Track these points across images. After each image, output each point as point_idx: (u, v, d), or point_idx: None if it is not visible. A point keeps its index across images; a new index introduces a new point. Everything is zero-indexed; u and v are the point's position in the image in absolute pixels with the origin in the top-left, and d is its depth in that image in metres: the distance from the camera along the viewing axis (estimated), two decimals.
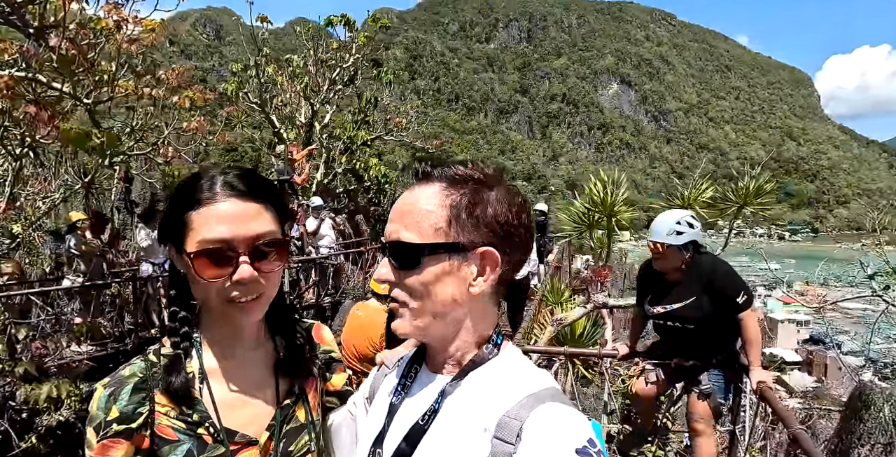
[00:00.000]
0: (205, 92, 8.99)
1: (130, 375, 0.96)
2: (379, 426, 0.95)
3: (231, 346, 1.02)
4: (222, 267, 0.90)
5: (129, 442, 0.92)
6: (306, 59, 11.74)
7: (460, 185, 0.87)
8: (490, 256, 0.87)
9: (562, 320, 4.25)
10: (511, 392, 0.84)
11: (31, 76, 6.59)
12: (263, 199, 0.94)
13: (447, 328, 0.90)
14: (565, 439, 0.76)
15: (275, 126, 12.56)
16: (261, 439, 0.99)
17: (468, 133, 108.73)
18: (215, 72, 41.68)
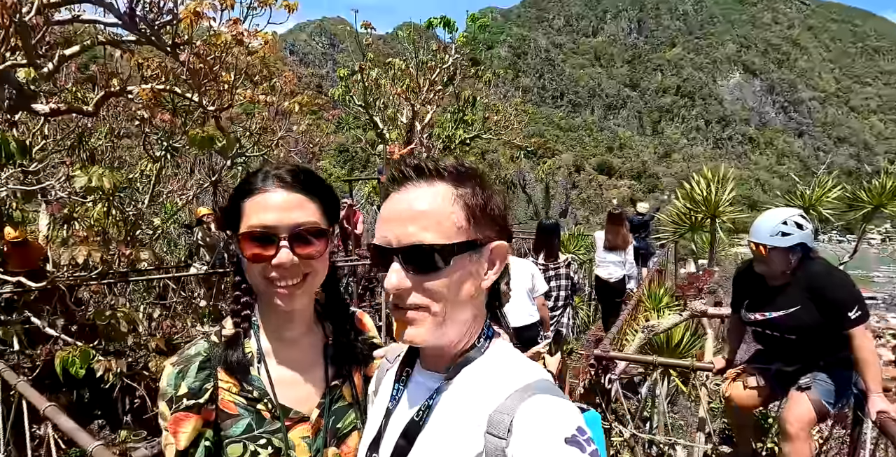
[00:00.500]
0: (312, 97, 9.63)
1: (195, 354, 1.04)
2: (375, 430, 0.96)
3: (284, 329, 1.09)
4: (265, 249, 0.98)
5: (197, 416, 0.99)
6: (407, 62, 12.13)
7: (466, 182, 0.88)
8: (501, 250, 0.91)
9: (653, 328, 3.99)
10: (501, 387, 0.84)
11: (168, 88, 7.48)
12: (310, 192, 1.03)
13: (460, 329, 0.90)
14: (554, 429, 0.76)
15: (378, 127, 13.12)
16: (312, 416, 1.07)
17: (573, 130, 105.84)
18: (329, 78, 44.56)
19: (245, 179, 1.05)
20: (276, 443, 1.02)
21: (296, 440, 1.04)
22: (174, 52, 6.70)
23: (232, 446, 1.00)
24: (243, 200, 1.02)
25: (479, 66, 12.01)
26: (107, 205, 8.99)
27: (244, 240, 0.99)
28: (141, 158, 9.90)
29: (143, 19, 6.35)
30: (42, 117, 8.91)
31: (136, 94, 7.36)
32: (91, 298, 6.48)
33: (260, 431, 1.02)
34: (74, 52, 7.60)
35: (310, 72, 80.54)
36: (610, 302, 6.65)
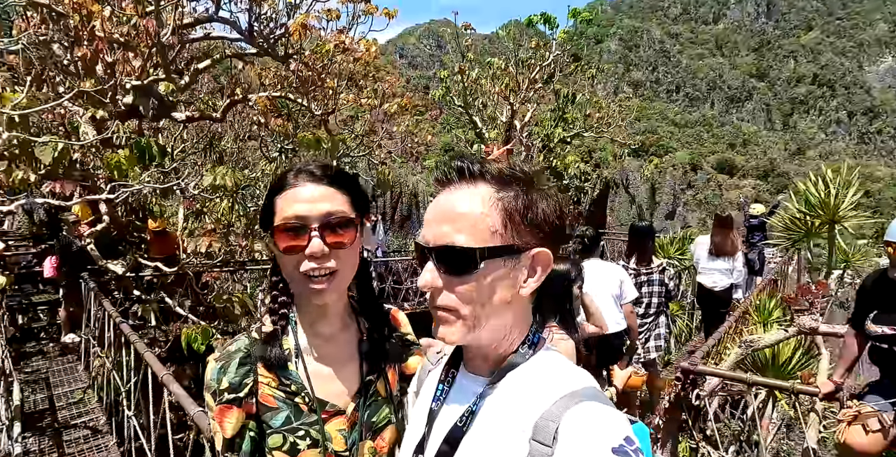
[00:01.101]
0: (413, 99, 9.96)
1: (236, 350, 1.09)
2: (420, 433, 0.97)
3: (320, 325, 1.14)
4: (297, 239, 1.02)
5: (238, 408, 1.05)
6: (507, 61, 12.10)
7: (510, 185, 0.86)
8: (543, 257, 0.88)
9: (752, 343, 3.64)
10: (547, 393, 0.83)
11: (283, 95, 8.15)
12: (338, 185, 1.07)
13: (496, 332, 0.90)
14: (601, 438, 0.75)
15: (477, 127, 13.24)
16: (348, 410, 1.11)
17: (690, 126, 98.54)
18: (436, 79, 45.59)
19: (278, 178, 1.10)
20: (314, 435, 1.06)
21: (332, 432, 1.08)
22: (286, 61, 7.30)
23: (273, 436, 1.05)
24: (275, 197, 1.06)
25: (579, 62, 11.66)
26: (231, 201, 9.93)
27: (278, 233, 1.03)
28: (261, 159, 10.85)
29: (260, 33, 6.99)
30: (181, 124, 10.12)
31: (254, 101, 8.10)
32: (213, 283, 7.24)
33: (298, 423, 1.07)
34: (206, 65, 8.52)
35: (417, 74, 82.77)
36: (713, 313, 6.16)
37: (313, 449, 1.06)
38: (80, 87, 6.89)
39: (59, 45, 6.36)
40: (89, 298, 6.09)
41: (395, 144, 12.29)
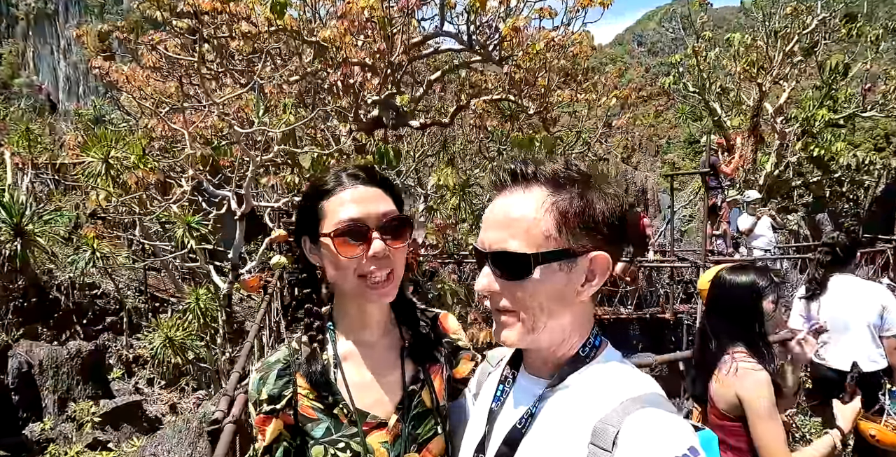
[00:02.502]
0: (634, 89, 9.35)
1: (275, 361, 1.08)
2: (480, 432, 0.97)
3: (361, 333, 1.10)
4: (358, 243, 0.99)
5: (276, 419, 1.04)
6: (754, 34, 10.41)
7: (565, 188, 0.84)
8: (601, 261, 0.85)
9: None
10: (608, 397, 0.82)
11: (504, 97, 8.53)
12: (383, 186, 1.06)
13: (554, 335, 0.89)
14: (663, 447, 0.73)
15: (715, 114, 11.74)
16: (390, 421, 1.05)
17: None
18: (681, 64, 40.93)
19: (314, 185, 1.08)
20: (355, 447, 1.03)
21: (375, 445, 1.04)
22: (502, 65, 7.62)
23: (315, 447, 1.03)
24: (320, 203, 1.03)
25: (855, 21, 9.23)
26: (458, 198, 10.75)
27: (335, 238, 1.00)
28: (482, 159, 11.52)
29: (478, 41, 7.43)
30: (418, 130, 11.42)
31: (475, 105, 8.64)
32: (431, 272, 7.99)
33: (338, 435, 1.03)
34: (437, 76, 9.43)
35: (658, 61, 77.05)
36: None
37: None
38: (337, 105, 8.34)
39: (321, 73, 7.80)
40: None
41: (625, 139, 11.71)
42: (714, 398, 1.86)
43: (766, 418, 1.71)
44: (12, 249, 6.96)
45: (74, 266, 7.88)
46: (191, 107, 6.73)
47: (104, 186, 5.82)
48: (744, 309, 1.90)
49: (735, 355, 1.84)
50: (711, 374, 1.89)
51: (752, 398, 1.75)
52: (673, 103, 15.35)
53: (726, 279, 1.96)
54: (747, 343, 1.87)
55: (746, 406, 1.75)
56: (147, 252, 9.26)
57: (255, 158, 4.83)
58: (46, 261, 8.04)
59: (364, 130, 8.35)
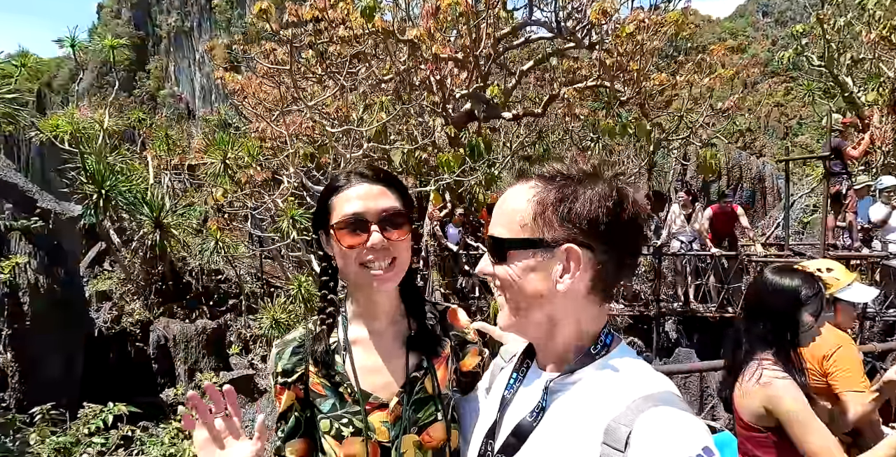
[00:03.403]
0: (748, 66, 8.57)
1: (292, 339, 1.20)
2: (492, 419, 1.00)
3: (370, 321, 1.18)
4: (358, 234, 1.08)
5: (289, 391, 1.16)
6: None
7: (550, 182, 0.88)
8: (572, 254, 0.86)
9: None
10: (620, 394, 0.82)
11: (598, 84, 8.27)
12: (388, 184, 1.14)
13: (540, 325, 0.91)
14: (677, 447, 0.73)
15: (846, 89, 10.39)
16: (391, 403, 1.13)
17: None
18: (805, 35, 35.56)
19: (329, 183, 1.17)
20: (357, 424, 1.11)
21: (375, 424, 1.12)
22: (593, 50, 7.38)
23: (322, 421, 1.14)
24: (330, 199, 1.13)
25: None
26: None
27: (338, 230, 1.09)
28: (572, 149, 11.22)
29: (566, 28, 7.26)
30: (515, 121, 11.38)
31: (565, 94, 8.46)
32: None
33: (343, 411, 1.13)
34: (529, 66, 9.35)
35: (786, 32, 69.34)
36: None
37: (356, 437, 1.12)
38: (429, 100, 8.59)
39: (413, 70, 8.06)
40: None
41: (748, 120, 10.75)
42: (738, 409, 1.72)
43: (806, 424, 1.58)
44: (153, 239, 8.07)
45: (202, 254, 8.95)
46: (297, 109, 7.33)
47: (222, 183, 6.55)
48: (780, 315, 1.73)
49: (762, 361, 1.69)
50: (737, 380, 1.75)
51: (784, 409, 1.61)
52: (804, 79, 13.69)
53: (769, 280, 1.81)
54: (777, 351, 1.71)
55: (781, 418, 1.62)
56: (259, 242, 10.22)
57: (346, 155, 5.17)
58: (180, 250, 9.20)
59: (457, 124, 8.52)
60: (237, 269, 9.84)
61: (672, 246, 8.41)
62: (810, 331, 1.73)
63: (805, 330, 1.72)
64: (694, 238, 8.23)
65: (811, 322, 1.72)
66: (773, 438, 1.64)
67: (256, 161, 7.03)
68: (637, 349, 7.12)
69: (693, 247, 8.18)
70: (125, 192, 7.98)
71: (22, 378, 4.57)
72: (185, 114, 38.50)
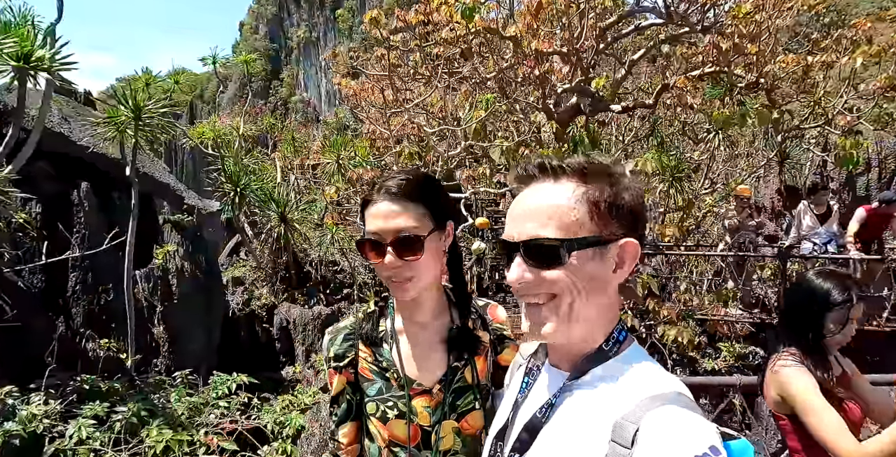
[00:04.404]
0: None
1: (343, 326, 1.30)
2: (503, 420, 1.01)
3: (413, 314, 1.26)
4: (376, 253, 1.15)
5: (340, 375, 1.25)
6: None
7: (595, 178, 0.88)
8: (631, 247, 0.88)
9: None
10: (629, 393, 0.82)
11: (716, 70, 7.69)
12: (414, 200, 1.16)
13: (585, 327, 0.89)
14: (683, 446, 0.72)
15: None
16: (433, 390, 1.21)
17: None
18: None
19: (365, 194, 1.22)
20: (401, 407, 1.20)
21: (418, 408, 1.20)
22: (706, 34, 6.87)
23: (369, 403, 1.22)
24: (365, 210, 1.19)
25: None
26: (668, 185, 10.08)
27: (362, 245, 1.17)
28: (687, 142, 10.50)
29: (676, 12, 6.84)
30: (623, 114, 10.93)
31: (678, 83, 7.97)
32: None
33: (388, 395, 1.21)
34: (640, 55, 8.96)
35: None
36: None
37: (400, 420, 1.20)
38: (534, 96, 8.56)
39: (515, 66, 8.08)
40: None
41: None
42: (766, 400, 1.81)
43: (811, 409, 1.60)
44: (279, 232, 8.98)
45: (321, 247, 9.76)
46: (403, 110, 7.72)
47: (335, 181, 7.12)
48: (805, 315, 1.76)
49: (782, 353, 1.75)
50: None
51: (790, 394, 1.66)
52: None
53: (806, 280, 1.83)
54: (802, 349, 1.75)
55: (792, 403, 1.67)
56: None
57: (444, 153, 5.38)
58: (302, 242, 10.11)
59: (562, 119, 8.40)
60: (351, 261, 10.59)
61: (803, 248, 7.59)
62: (835, 337, 1.73)
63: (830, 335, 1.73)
64: (830, 239, 7.35)
65: (834, 329, 1.72)
66: (791, 424, 1.70)
67: (366, 161, 7.53)
68: (759, 361, 6.54)
69: (828, 249, 7.31)
70: (257, 190, 8.96)
71: (171, 348, 5.41)
72: (313, 118, 41.73)
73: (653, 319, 6.69)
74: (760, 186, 13.71)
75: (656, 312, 6.71)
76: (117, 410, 3.04)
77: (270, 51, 54.67)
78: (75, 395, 3.24)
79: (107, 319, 4.98)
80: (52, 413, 2.93)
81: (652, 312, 6.81)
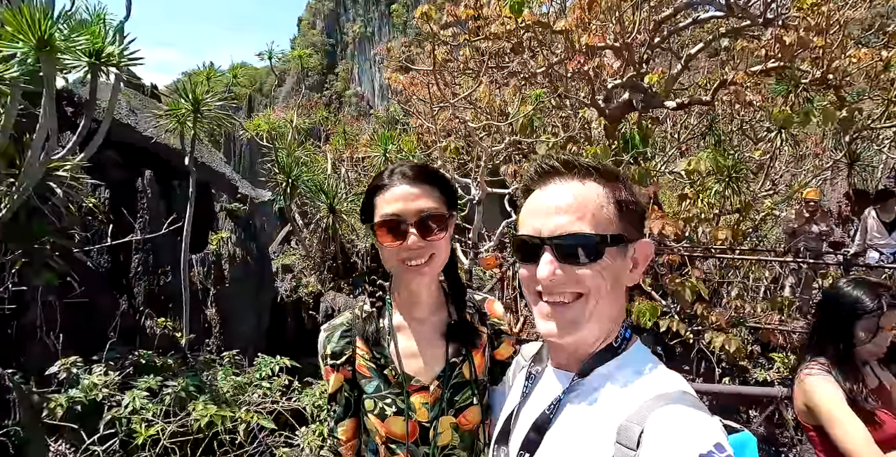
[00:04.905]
0: None
1: (340, 323, 1.28)
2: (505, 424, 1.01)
3: (412, 310, 1.25)
4: (396, 234, 1.14)
5: (337, 372, 1.24)
6: None
7: (615, 180, 0.91)
8: (647, 247, 0.92)
9: None
10: (634, 394, 0.83)
11: (779, 66, 7.32)
12: (430, 183, 1.18)
13: (602, 325, 0.89)
14: (687, 444, 0.72)
15: None
16: (431, 386, 1.21)
17: None
18: None
19: (374, 179, 1.22)
20: (399, 404, 1.19)
21: (416, 404, 1.20)
22: (768, 25, 6.53)
23: (367, 401, 1.22)
24: (374, 197, 1.18)
25: None
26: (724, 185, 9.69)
27: (378, 228, 1.15)
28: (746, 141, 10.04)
29: (737, 4, 6.54)
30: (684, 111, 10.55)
31: (737, 78, 7.63)
32: (672, 265, 7.44)
33: (386, 391, 1.21)
34: (697, 50, 8.63)
35: None
36: None
37: (398, 416, 1.19)
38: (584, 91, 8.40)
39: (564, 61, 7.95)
40: None
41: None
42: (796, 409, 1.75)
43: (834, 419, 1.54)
44: (328, 222, 9.23)
45: (367, 238, 9.97)
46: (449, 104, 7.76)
47: None
48: (834, 323, 1.72)
49: (810, 363, 1.71)
50: None
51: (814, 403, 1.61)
52: None
53: (837, 288, 1.79)
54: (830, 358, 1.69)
55: (818, 414, 1.62)
56: None
57: (487, 149, 5.38)
58: (350, 233, 10.35)
59: (613, 115, 8.21)
60: None
61: (869, 257, 7.15)
62: (867, 347, 1.67)
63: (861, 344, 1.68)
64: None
65: (864, 338, 1.67)
66: (818, 436, 1.66)
67: (413, 155, 7.62)
68: None
69: (894, 257, 6.86)
70: (307, 181, 9.23)
71: (222, 329, 5.69)
72: (367, 111, 42.44)
73: (700, 324, 6.46)
74: (827, 189, 12.95)
75: (705, 318, 6.47)
76: (168, 384, 3.26)
77: (327, 46, 55.97)
78: (132, 368, 3.49)
79: (165, 299, 5.29)
80: (110, 384, 3.17)
81: (700, 317, 6.58)
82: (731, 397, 4.36)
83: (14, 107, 3.61)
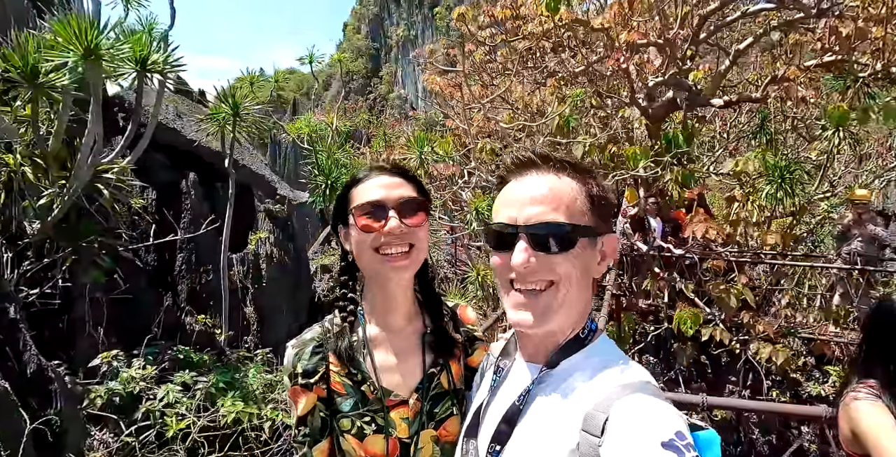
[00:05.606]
0: None
1: (310, 339, 1.18)
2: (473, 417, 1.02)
3: (387, 319, 1.19)
4: (376, 219, 1.11)
5: (310, 392, 1.13)
6: None
7: (587, 175, 0.94)
8: (614, 242, 0.95)
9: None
10: (599, 384, 0.85)
11: (835, 59, 6.92)
12: (407, 178, 1.19)
13: (570, 316, 0.92)
14: (650, 432, 0.74)
15: None
16: (410, 400, 1.15)
17: None
18: None
19: (349, 180, 1.20)
20: (379, 421, 1.13)
21: (396, 420, 1.14)
22: (821, 15, 6.17)
23: (343, 420, 1.14)
24: (351, 190, 1.17)
25: None
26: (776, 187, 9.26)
27: (357, 215, 1.12)
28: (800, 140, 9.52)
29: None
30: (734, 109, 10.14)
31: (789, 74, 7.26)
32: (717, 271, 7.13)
33: (364, 409, 1.14)
34: (747, 44, 8.27)
35: None
36: None
37: (378, 434, 1.13)
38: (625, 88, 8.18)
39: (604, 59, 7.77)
40: None
41: None
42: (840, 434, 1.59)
43: (883, 451, 1.40)
44: None
45: None
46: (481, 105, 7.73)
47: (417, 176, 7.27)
48: (886, 341, 1.57)
49: (858, 386, 1.55)
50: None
51: (861, 430, 1.48)
52: None
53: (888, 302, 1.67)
54: (881, 381, 1.54)
55: (864, 441, 1.47)
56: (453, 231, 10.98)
57: (518, 149, 5.31)
58: None
59: (657, 114, 7.96)
60: (435, 254, 10.76)
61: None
62: None
63: None
64: None
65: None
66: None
67: (449, 156, 7.62)
68: None
69: None
70: None
71: (259, 327, 5.85)
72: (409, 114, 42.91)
73: (747, 333, 6.16)
74: (892, 191, 12.13)
75: (751, 327, 6.17)
76: (200, 379, 3.36)
77: (371, 50, 56.94)
78: (169, 362, 3.62)
79: (206, 297, 5.48)
80: (147, 377, 3.30)
81: (746, 326, 6.27)
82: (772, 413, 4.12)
83: (66, 113, 3.83)
